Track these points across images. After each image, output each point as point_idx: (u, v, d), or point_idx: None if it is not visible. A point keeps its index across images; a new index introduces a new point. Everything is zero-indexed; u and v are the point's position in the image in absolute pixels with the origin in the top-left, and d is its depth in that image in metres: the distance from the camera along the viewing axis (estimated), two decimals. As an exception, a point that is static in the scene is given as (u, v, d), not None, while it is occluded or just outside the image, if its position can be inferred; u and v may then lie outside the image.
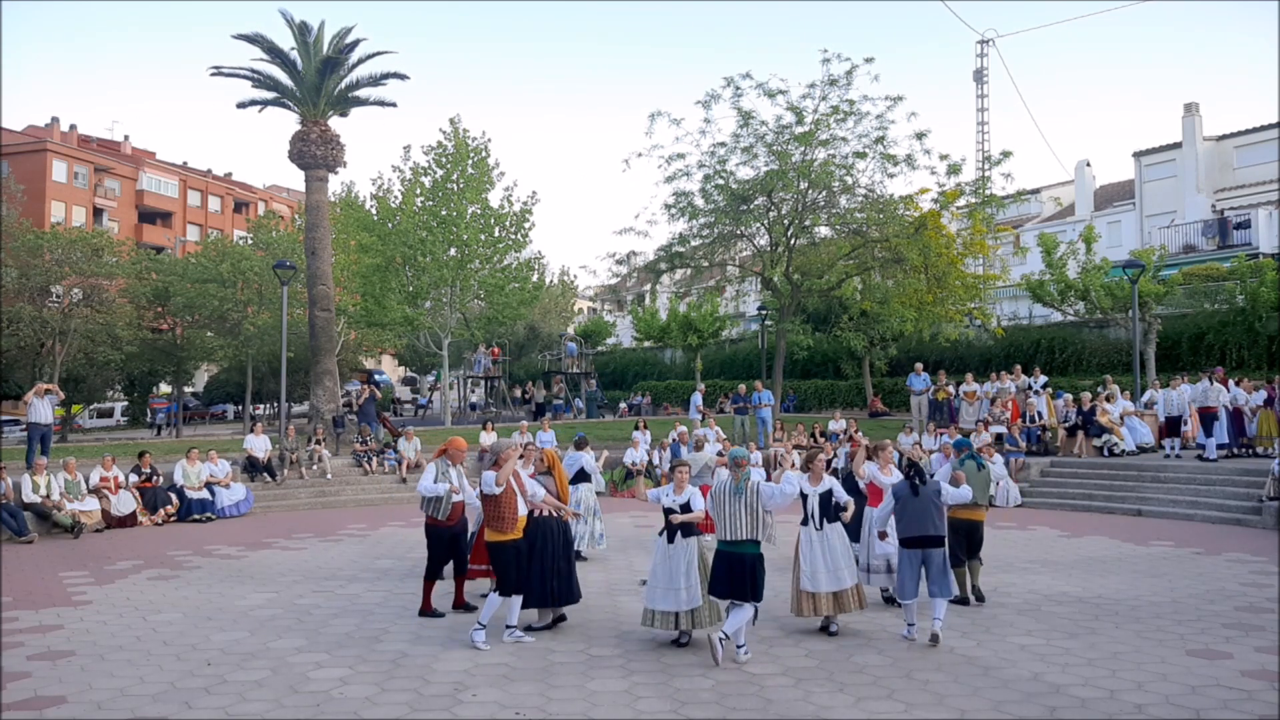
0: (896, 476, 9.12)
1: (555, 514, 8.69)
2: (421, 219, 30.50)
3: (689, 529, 7.93)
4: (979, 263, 27.99)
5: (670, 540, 7.96)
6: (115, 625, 8.94)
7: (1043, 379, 21.54)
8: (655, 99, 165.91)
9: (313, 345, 23.72)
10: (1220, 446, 17.68)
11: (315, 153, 23.69)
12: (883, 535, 8.77)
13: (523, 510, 8.24)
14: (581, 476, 12.28)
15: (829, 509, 8.26)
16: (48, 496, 15.17)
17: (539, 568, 8.42)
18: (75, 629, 8.80)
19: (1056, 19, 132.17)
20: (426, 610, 9.20)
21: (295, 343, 27.20)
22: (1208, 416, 17.58)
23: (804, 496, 8.27)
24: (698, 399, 24.14)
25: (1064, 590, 10.13)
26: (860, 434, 20.67)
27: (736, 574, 7.45)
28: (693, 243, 27.15)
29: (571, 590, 8.65)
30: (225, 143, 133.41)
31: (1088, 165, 44.29)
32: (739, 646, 7.52)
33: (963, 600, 9.37)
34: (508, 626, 8.16)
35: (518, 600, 8.15)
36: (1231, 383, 18.47)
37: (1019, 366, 22.21)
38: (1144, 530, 14.39)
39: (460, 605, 9.37)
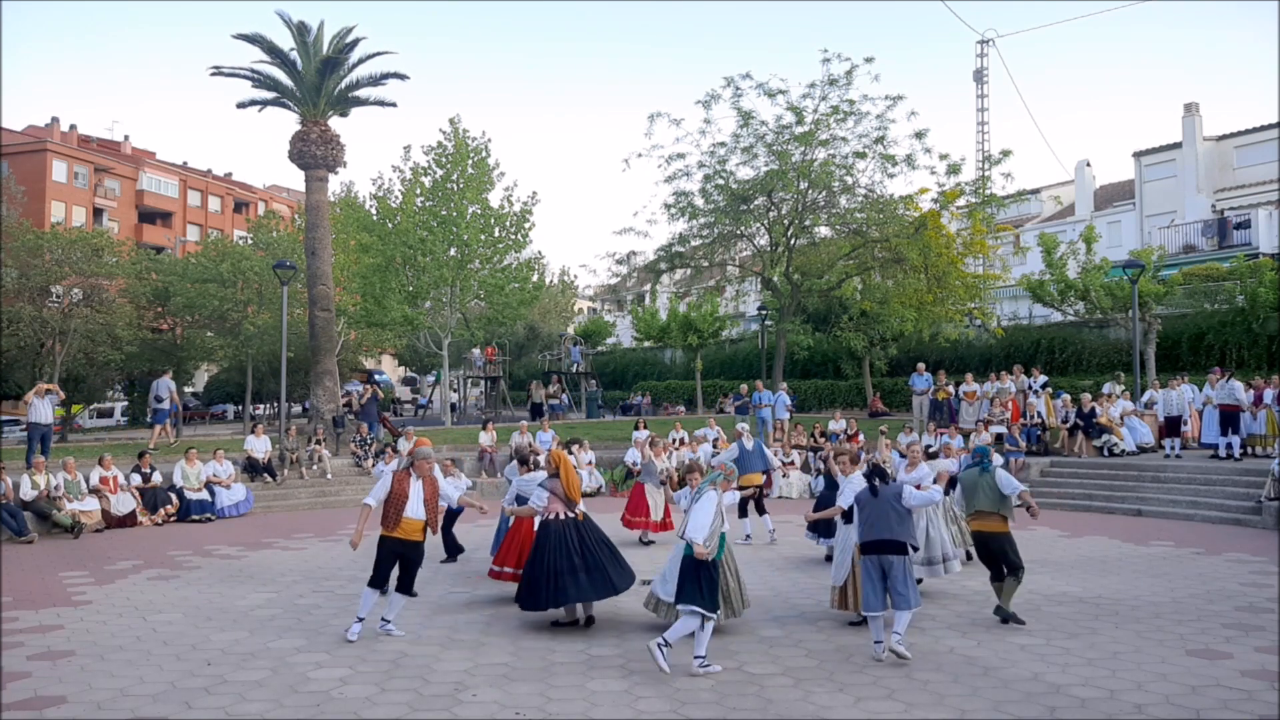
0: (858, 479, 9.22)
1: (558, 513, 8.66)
2: (421, 219, 30.49)
3: None
4: (979, 263, 27.98)
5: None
6: (115, 625, 8.94)
7: (1042, 379, 21.54)
8: (655, 99, 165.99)
9: (313, 345, 23.72)
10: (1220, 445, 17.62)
11: (315, 153, 23.69)
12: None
13: (410, 514, 8.21)
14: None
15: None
16: (46, 491, 15.16)
17: (547, 568, 8.36)
18: (75, 629, 8.80)
19: (1056, 19, 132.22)
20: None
21: (295, 343, 27.19)
22: (1230, 414, 17.50)
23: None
24: (785, 398, 22.46)
25: (1064, 590, 10.13)
26: (860, 434, 20.72)
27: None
28: (693, 243, 27.17)
29: (593, 586, 8.39)
30: (225, 143, 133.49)
31: (1088, 165, 44.27)
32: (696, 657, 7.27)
33: (1003, 618, 8.61)
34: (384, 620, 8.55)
35: (369, 593, 8.30)
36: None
37: (1019, 366, 22.21)
38: (1144, 530, 14.39)
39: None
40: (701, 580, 7.26)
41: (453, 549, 12.33)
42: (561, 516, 8.57)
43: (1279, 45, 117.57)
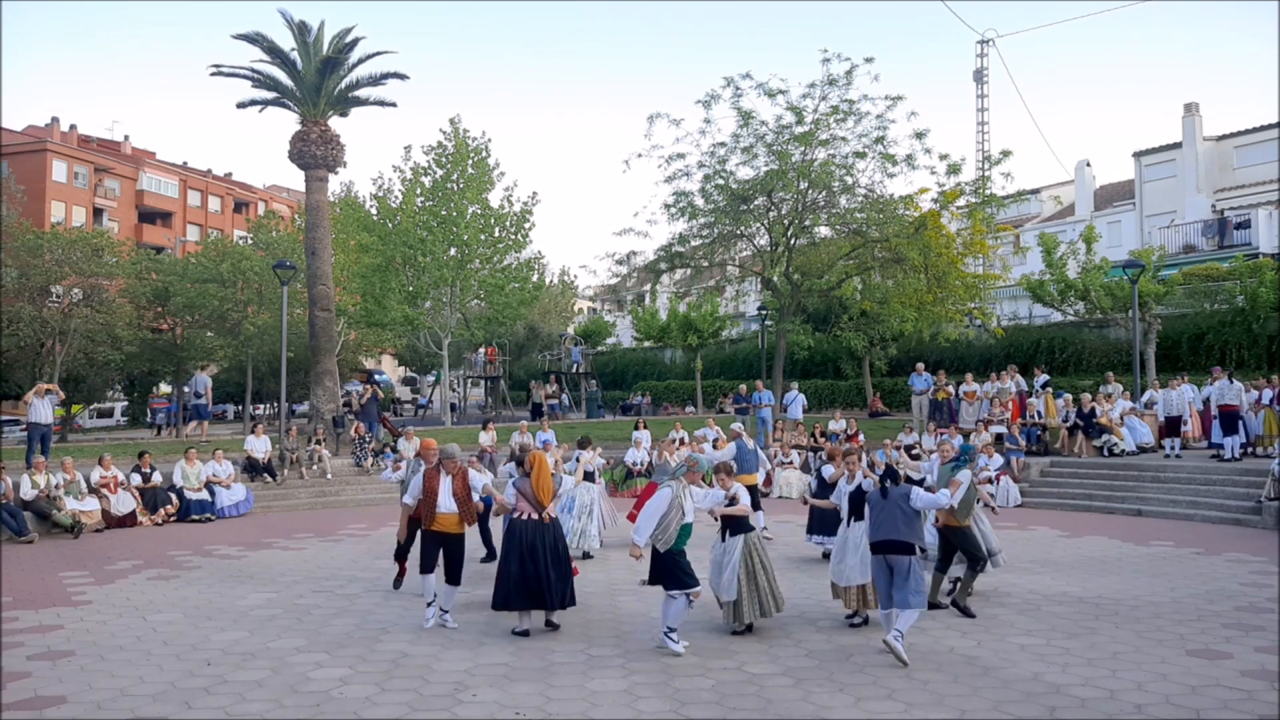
0: (860, 481, 9.26)
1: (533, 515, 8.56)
2: (421, 219, 30.50)
3: (735, 526, 8.40)
4: (979, 262, 27.96)
5: (723, 538, 8.51)
6: (115, 625, 8.94)
7: (1043, 378, 21.53)
8: (655, 99, 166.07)
9: (313, 345, 23.70)
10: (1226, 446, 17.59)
11: (315, 153, 23.68)
12: None
13: (442, 508, 8.80)
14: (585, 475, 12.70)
15: (858, 507, 8.50)
16: (46, 491, 15.15)
17: (521, 570, 8.26)
18: (75, 629, 8.80)
19: (1056, 19, 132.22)
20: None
21: (295, 343, 27.18)
22: (1230, 415, 17.49)
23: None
24: (801, 398, 23.50)
25: (1064, 590, 10.13)
26: (860, 434, 20.71)
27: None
28: (693, 243, 27.15)
29: (563, 596, 8.40)
30: (225, 143, 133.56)
31: (1088, 165, 44.24)
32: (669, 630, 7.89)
33: (936, 604, 8.98)
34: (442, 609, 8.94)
35: (426, 579, 8.90)
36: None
37: (1013, 366, 22.20)
38: (1144, 530, 14.39)
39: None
40: (669, 569, 7.77)
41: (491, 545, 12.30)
42: (526, 517, 8.46)
43: (1279, 45, 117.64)
